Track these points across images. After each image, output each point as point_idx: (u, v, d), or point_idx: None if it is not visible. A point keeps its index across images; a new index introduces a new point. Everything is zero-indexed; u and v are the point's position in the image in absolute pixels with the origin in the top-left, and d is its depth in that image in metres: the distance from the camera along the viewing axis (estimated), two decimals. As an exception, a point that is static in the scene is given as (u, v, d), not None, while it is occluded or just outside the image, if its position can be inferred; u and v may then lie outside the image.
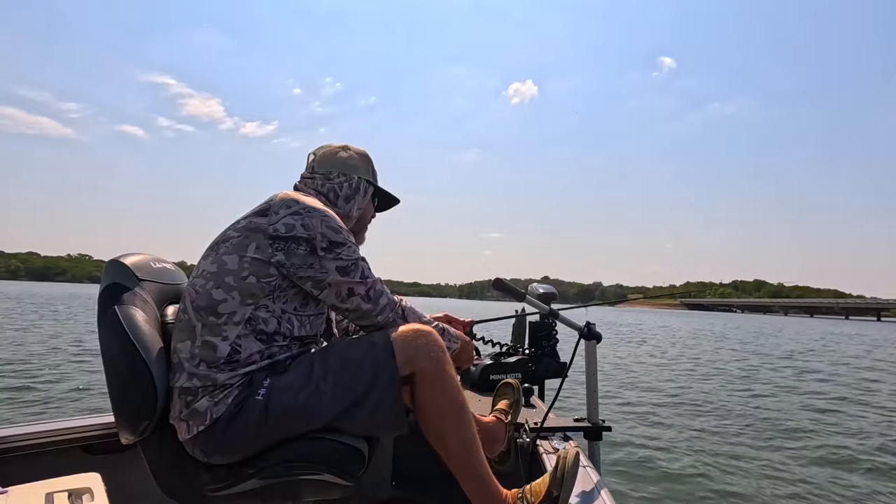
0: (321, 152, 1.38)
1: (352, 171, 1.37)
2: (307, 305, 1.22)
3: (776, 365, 10.73)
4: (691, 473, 3.55)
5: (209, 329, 1.11)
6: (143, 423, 1.09)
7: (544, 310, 1.77)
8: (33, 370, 6.26)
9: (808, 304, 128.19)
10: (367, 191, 1.40)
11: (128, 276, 1.18)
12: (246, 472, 1.09)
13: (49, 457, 1.42)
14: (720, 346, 15.32)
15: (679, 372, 9.07)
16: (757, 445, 4.37)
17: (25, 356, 7.32)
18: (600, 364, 1.81)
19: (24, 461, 1.38)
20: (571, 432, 1.71)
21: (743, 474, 3.59)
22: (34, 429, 1.43)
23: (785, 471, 3.69)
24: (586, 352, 1.73)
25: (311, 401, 1.09)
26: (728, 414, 5.55)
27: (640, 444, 4.23)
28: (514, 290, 1.72)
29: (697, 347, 14.61)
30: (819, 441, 4.57)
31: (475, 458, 1.18)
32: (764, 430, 4.95)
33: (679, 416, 5.37)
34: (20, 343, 8.81)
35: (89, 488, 1.01)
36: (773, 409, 5.91)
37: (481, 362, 2.20)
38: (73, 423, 1.48)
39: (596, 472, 1.37)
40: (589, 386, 1.73)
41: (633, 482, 3.36)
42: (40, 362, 6.84)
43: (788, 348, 15.49)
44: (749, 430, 4.88)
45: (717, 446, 4.28)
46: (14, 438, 1.38)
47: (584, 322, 1.70)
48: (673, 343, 15.64)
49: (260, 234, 1.14)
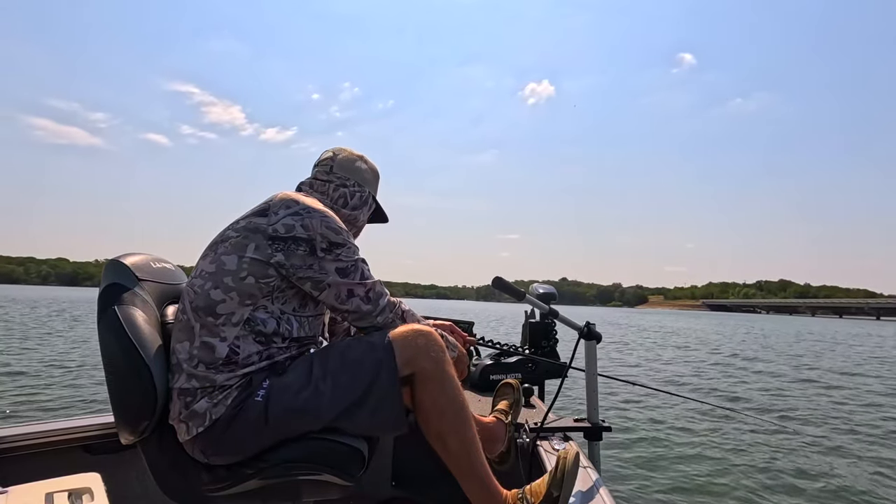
0: (342, 156, 1.37)
1: (366, 184, 1.39)
2: (306, 306, 1.22)
3: (778, 363, 10.73)
4: (692, 474, 3.55)
5: (208, 330, 1.11)
6: (142, 423, 1.09)
7: (544, 309, 1.78)
8: (51, 371, 6.36)
9: (837, 305, 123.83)
10: (371, 207, 1.43)
11: (127, 276, 1.18)
12: (246, 472, 1.09)
13: (49, 457, 1.42)
14: (723, 346, 15.30)
15: (680, 372, 9.06)
16: (757, 445, 4.37)
17: (48, 357, 7.45)
18: (603, 364, 1.81)
19: (24, 461, 1.38)
20: (571, 432, 1.71)
21: (743, 474, 3.59)
22: (34, 429, 1.43)
23: (785, 471, 3.69)
24: (586, 352, 1.73)
25: (311, 401, 1.09)
26: (730, 414, 5.55)
27: (641, 444, 4.23)
28: (514, 290, 1.72)
29: (703, 348, 14.59)
30: (831, 443, 4.57)
31: (475, 458, 1.18)
32: (764, 429, 4.95)
33: (679, 416, 5.37)
34: (45, 344, 9.04)
35: (89, 488, 1.01)
36: (773, 410, 5.90)
37: (481, 362, 2.20)
38: (73, 423, 1.48)
39: (596, 473, 1.36)
40: (589, 386, 1.73)
41: (633, 482, 3.36)
42: (61, 361, 6.96)
43: (805, 348, 15.29)
44: (750, 430, 4.88)
45: (717, 446, 4.28)
46: (14, 438, 1.38)
47: (583, 322, 1.70)
48: (679, 345, 15.47)
49: (259, 235, 1.14)
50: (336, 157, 1.37)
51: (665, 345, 15.28)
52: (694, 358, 11.60)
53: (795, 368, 10.23)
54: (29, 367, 6.63)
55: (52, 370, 6.47)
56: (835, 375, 9.37)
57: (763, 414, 5.67)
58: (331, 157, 1.37)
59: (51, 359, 7.37)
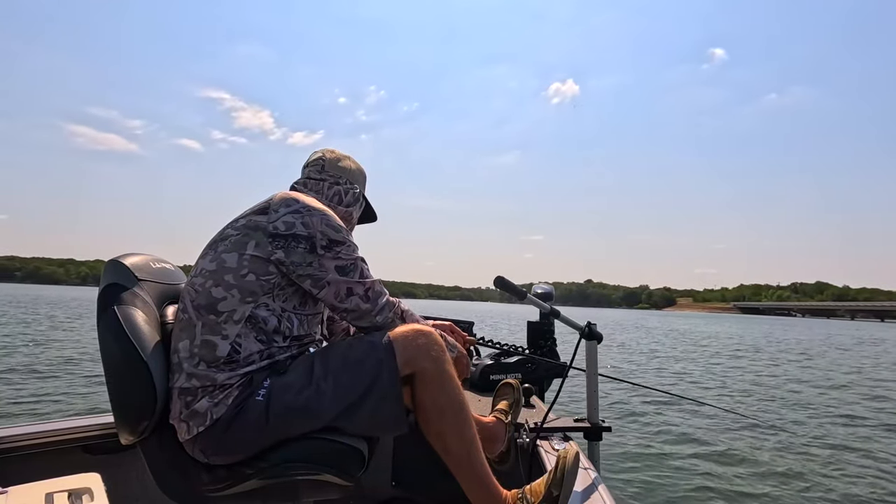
0: (331, 156, 1.41)
1: (356, 182, 1.43)
2: (306, 304, 1.22)
3: (779, 362, 10.71)
4: (692, 474, 3.55)
5: (209, 328, 1.11)
6: (142, 423, 1.09)
7: (546, 309, 1.79)
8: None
9: (878, 308, 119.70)
10: (362, 205, 1.46)
11: (127, 277, 1.18)
12: (246, 472, 1.09)
13: (49, 457, 1.42)
14: (720, 351, 15.27)
15: (683, 374, 9.05)
16: (757, 445, 4.37)
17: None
18: (604, 365, 1.81)
19: (24, 461, 1.38)
20: (571, 432, 1.71)
21: (744, 474, 3.59)
22: (34, 429, 1.43)
23: (785, 472, 3.69)
24: (587, 352, 1.73)
25: (312, 401, 1.09)
26: (729, 414, 5.55)
27: (641, 444, 4.23)
28: (516, 289, 1.72)
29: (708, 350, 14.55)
30: (832, 441, 4.57)
31: (475, 457, 1.18)
32: (764, 429, 4.95)
33: (679, 417, 5.36)
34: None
35: (89, 488, 1.00)
36: (775, 410, 5.90)
37: (481, 362, 2.20)
38: (73, 423, 1.48)
39: (596, 473, 1.36)
40: (589, 386, 1.73)
41: (633, 482, 3.36)
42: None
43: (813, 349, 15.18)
44: (750, 430, 4.88)
45: (717, 447, 4.28)
46: (14, 438, 1.38)
47: (584, 322, 1.70)
48: (685, 349, 15.34)
49: (259, 232, 1.14)
50: (326, 157, 1.41)
51: (678, 348, 15.00)
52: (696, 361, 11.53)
53: (803, 369, 10.21)
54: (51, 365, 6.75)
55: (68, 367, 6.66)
56: (846, 377, 9.33)
57: (763, 415, 5.67)
58: (321, 157, 1.41)
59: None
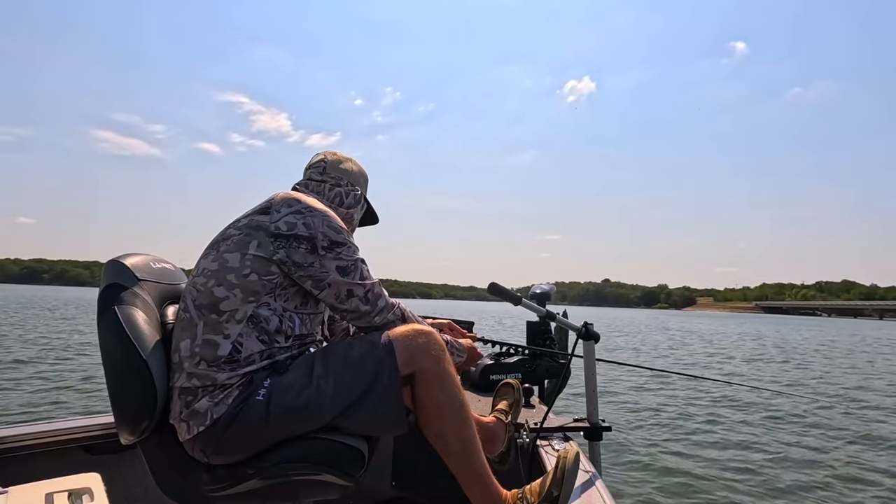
0: (333, 158, 1.43)
1: (357, 184, 1.44)
2: (308, 304, 1.22)
3: (778, 360, 10.72)
4: (692, 474, 3.55)
5: (211, 327, 1.11)
6: (142, 423, 1.09)
7: (541, 312, 1.80)
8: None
9: None
10: (363, 207, 1.47)
11: (127, 277, 1.18)
12: (246, 472, 1.09)
13: (49, 457, 1.42)
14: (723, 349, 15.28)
15: (683, 372, 9.06)
16: (758, 445, 4.37)
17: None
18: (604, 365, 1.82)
19: (24, 461, 1.38)
20: (571, 432, 1.71)
21: (744, 474, 3.59)
22: (34, 429, 1.43)
23: (785, 472, 3.69)
24: (585, 352, 1.73)
25: (313, 401, 1.09)
26: (730, 415, 5.55)
27: (641, 444, 4.23)
28: (510, 294, 1.72)
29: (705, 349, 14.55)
30: (831, 442, 4.57)
31: (475, 457, 1.18)
32: (764, 429, 4.95)
33: (679, 416, 5.37)
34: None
35: (89, 488, 1.00)
36: (774, 411, 5.90)
37: (481, 362, 2.20)
38: (73, 424, 1.48)
39: (596, 472, 1.37)
40: (588, 386, 1.73)
41: (633, 482, 3.36)
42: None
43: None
44: (750, 430, 4.88)
45: (717, 446, 4.28)
46: (14, 438, 1.38)
47: (581, 322, 1.71)
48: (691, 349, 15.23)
49: (262, 232, 1.14)
50: (328, 159, 1.42)
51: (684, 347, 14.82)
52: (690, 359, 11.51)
53: (803, 369, 10.22)
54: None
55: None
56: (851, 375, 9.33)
57: (762, 414, 5.67)
58: (322, 159, 1.42)
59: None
